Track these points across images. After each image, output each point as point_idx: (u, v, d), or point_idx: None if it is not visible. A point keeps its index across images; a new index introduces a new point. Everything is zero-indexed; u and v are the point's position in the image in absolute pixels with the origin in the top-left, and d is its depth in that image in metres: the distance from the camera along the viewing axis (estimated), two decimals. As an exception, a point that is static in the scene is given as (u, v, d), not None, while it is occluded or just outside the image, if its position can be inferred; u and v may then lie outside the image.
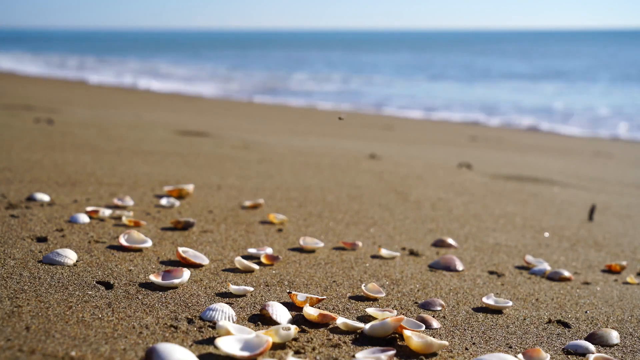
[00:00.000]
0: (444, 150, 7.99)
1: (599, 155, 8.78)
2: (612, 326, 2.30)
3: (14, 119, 6.94)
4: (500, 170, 6.09)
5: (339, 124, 11.16)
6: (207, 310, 2.02)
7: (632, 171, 7.44)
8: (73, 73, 24.71)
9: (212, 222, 3.24)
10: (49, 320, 1.85)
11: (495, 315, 2.30)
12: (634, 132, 12.80)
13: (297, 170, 5.04)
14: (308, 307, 2.07)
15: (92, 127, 6.70)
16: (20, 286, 2.10)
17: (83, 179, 3.93)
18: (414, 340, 1.90)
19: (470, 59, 41.86)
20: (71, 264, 2.38)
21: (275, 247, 2.91)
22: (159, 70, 29.13)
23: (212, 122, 9.09)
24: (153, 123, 7.99)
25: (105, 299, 2.07)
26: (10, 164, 4.15)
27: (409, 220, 3.68)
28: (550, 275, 2.82)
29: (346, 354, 1.85)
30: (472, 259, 3.02)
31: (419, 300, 2.39)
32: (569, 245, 3.46)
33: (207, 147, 6.00)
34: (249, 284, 2.39)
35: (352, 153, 6.47)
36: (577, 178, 6.12)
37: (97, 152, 5.05)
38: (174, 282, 2.24)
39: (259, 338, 1.79)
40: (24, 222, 2.87)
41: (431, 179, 5.14)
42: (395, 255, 2.92)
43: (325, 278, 2.54)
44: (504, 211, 4.15)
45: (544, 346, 2.07)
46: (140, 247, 2.64)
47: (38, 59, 34.18)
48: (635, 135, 12.37)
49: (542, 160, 7.61)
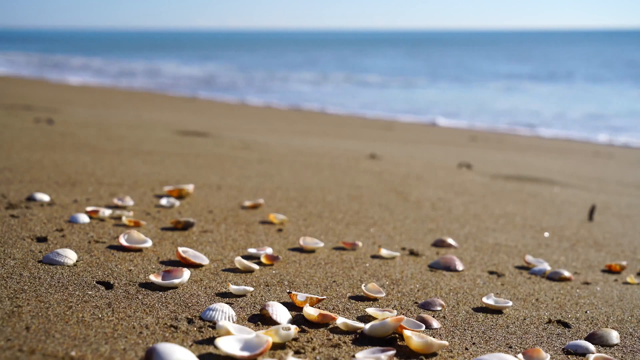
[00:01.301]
0: (444, 150, 7.99)
1: (599, 155, 8.78)
2: (612, 326, 2.30)
3: (14, 119, 6.94)
4: (500, 170, 6.09)
5: (339, 124, 11.16)
6: (207, 310, 2.02)
7: (632, 171, 7.44)
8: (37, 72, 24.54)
9: (212, 222, 3.24)
10: (49, 320, 1.85)
11: (495, 315, 2.30)
12: (634, 132, 12.80)
13: (297, 170, 5.04)
14: (308, 307, 2.07)
15: (92, 127, 6.70)
16: (20, 286, 2.10)
17: (83, 179, 3.93)
18: (414, 340, 1.90)
19: (470, 59, 41.84)
20: (71, 264, 2.37)
21: (275, 247, 2.91)
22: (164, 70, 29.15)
23: (212, 122, 9.09)
24: (153, 123, 7.99)
25: (105, 299, 2.07)
26: (10, 164, 4.15)
27: (409, 220, 3.68)
28: (550, 275, 2.82)
29: (346, 354, 1.85)
30: (472, 259, 3.02)
31: (419, 300, 2.39)
32: (569, 245, 3.46)
33: (207, 147, 6.00)
34: (249, 284, 2.39)
35: (352, 153, 6.47)
36: (577, 178, 6.12)
37: (97, 152, 5.05)
38: (174, 282, 2.24)
39: (259, 338, 1.79)
40: (24, 222, 2.87)
41: (431, 179, 5.14)
42: (395, 255, 2.92)
43: (325, 278, 2.54)
44: (504, 211, 4.15)
45: (544, 346, 2.07)
46: (140, 247, 2.64)
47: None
48: (636, 135, 12.37)
49: (542, 160, 7.61)
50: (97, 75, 24.22)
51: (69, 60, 34.79)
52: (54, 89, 14.73)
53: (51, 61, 33.01)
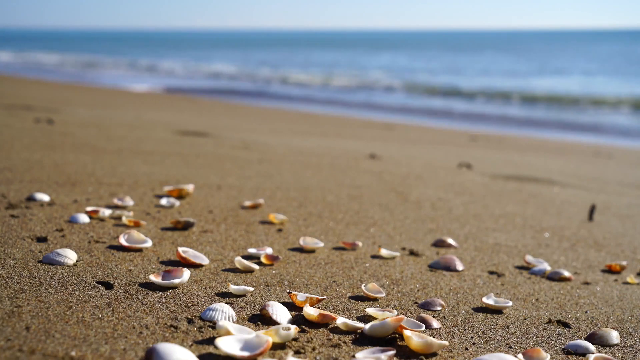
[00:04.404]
0: (444, 150, 7.99)
1: (599, 155, 8.78)
2: (612, 326, 2.30)
3: (14, 119, 6.94)
4: (500, 170, 6.09)
5: (339, 124, 11.16)
6: (207, 310, 2.02)
7: (632, 171, 7.44)
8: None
9: (212, 222, 3.24)
10: (49, 320, 1.85)
11: (495, 315, 2.30)
12: (635, 131, 12.80)
13: (297, 170, 5.04)
14: (308, 307, 2.07)
15: (92, 127, 6.70)
16: (20, 286, 2.10)
17: (83, 179, 3.93)
18: (414, 340, 1.90)
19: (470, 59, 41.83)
20: (71, 264, 2.37)
21: (275, 247, 2.91)
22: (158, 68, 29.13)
23: (212, 122, 9.09)
24: (153, 123, 7.99)
25: (105, 299, 2.07)
26: (10, 164, 4.15)
27: (409, 220, 3.68)
28: (550, 275, 2.82)
29: (346, 354, 1.85)
30: (472, 259, 3.02)
31: (419, 300, 2.39)
32: (569, 245, 3.46)
33: (207, 147, 6.00)
34: (249, 284, 2.39)
35: (352, 153, 6.47)
36: (577, 178, 6.12)
37: (97, 152, 5.05)
38: (174, 282, 2.24)
39: (259, 338, 1.79)
40: (24, 222, 2.87)
41: (431, 179, 5.14)
42: (395, 255, 2.92)
43: (325, 278, 2.54)
44: (504, 211, 4.15)
45: (544, 346, 2.07)
46: (140, 247, 2.64)
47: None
48: (636, 135, 12.36)
49: (542, 160, 7.61)
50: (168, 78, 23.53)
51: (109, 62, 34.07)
52: (54, 89, 14.73)
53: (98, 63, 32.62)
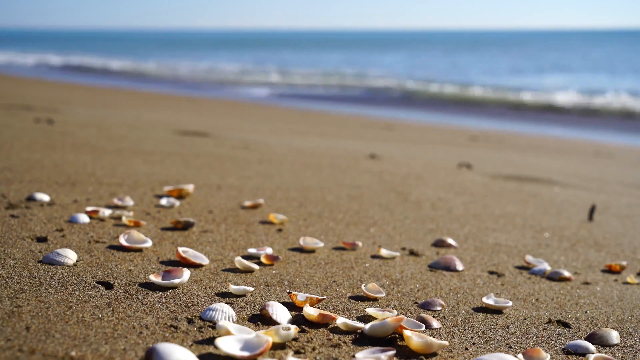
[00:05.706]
0: (444, 150, 7.99)
1: (599, 155, 8.78)
2: (612, 326, 2.30)
3: (14, 119, 6.94)
4: (500, 170, 6.09)
5: (339, 124, 11.16)
6: (207, 310, 2.02)
7: (632, 171, 7.44)
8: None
9: (212, 222, 3.24)
10: (49, 320, 1.85)
11: (495, 315, 2.30)
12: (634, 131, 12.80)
13: (297, 170, 5.04)
14: (308, 307, 2.07)
15: (92, 127, 6.70)
16: (20, 286, 2.10)
17: (83, 179, 3.93)
18: (414, 340, 1.90)
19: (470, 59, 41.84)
20: (71, 264, 2.38)
21: (275, 247, 2.91)
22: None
23: (212, 122, 9.09)
24: (153, 123, 7.99)
25: (105, 299, 2.07)
26: (10, 164, 4.15)
27: (409, 220, 3.68)
28: (550, 275, 2.82)
29: (346, 354, 1.85)
30: (472, 259, 3.02)
31: (419, 300, 2.39)
32: (569, 245, 3.46)
33: (207, 147, 6.00)
34: (249, 284, 2.39)
35: (352, 153, 6.47)
36: (577, 178, 6.12)
37: (97, 152, 5.05)
38: (174, 282, 2.24)
39: (259, 338, 1.79)
40: (24, 222, 2.87)
41: (431, 179, 5.14)
42: (395, 255, 2.92)
43: (325, 278, 2.54)
44: (504, 211, 4.15)
45: (544, 346, 2.07)
46: (140, 247, 2.64)
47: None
48: (636, 135, 12.36)
49: (542, 160, 7.61)
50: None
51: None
52: (54, 89, 14.73)
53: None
